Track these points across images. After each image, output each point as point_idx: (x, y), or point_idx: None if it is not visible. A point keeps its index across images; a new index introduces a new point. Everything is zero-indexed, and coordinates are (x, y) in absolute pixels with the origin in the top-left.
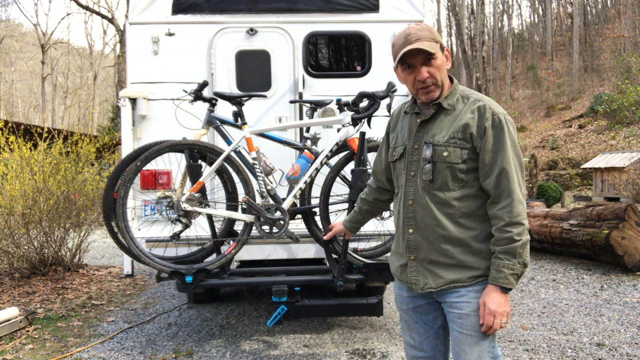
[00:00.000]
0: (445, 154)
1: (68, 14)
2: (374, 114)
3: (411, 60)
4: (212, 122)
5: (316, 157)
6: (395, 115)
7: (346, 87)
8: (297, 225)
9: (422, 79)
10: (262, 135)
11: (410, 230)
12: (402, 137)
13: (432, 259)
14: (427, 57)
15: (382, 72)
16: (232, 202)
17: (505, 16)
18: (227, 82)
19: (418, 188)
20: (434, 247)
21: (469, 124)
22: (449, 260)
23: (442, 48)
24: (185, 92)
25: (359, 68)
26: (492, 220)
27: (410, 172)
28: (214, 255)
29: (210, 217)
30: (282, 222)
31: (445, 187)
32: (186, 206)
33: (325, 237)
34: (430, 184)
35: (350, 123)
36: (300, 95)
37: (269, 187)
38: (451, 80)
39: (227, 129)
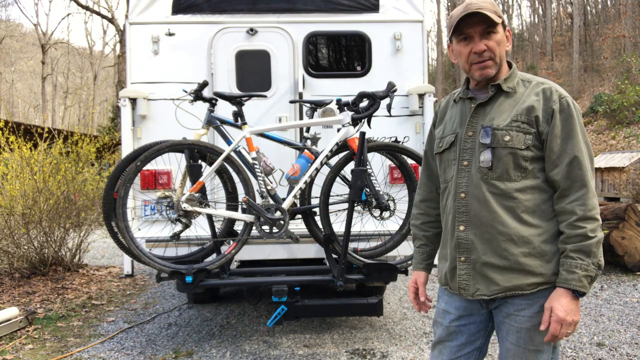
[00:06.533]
0: (507, 138)
1: (68, 14)
2: (374, 114)
3: (469, 30)
4: (212, 122)
5: (316, 157)
6: (443, 106)
7: (346, 87)
8: (297, 225)
9: (479, 51)
10: (262, 135)
11: (462, 227)
12: (452, 126)
13: (486, 260)
14: (486, 29)
15: (382, 72)
16: (232, 202)
17: (505, 16)
18: (227, 82)
19: (473, 178)
20: (490, 247)
21: (534, 106)
22: (506, 262)
23: (504, 25)
24: (185, 92)
25: (359, 68)
26: (561, 216)
27: (462, 162)
28: (214, 255)
29: (210, 217)
30: (282, 222)
31: (505, 177)
32: (186, 206)
33: (421, 297)
34: (488, 173)
35: (350, 123)
36: (300, 95)
37: (269, 187)
38: (510, 66)
39: (227, 129)
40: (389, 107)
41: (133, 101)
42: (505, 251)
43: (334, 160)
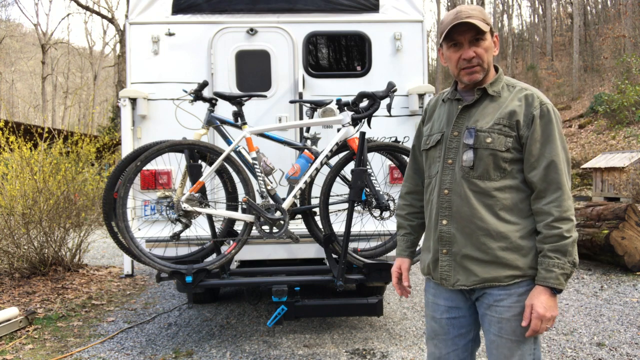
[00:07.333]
0: (488, 140)
1: (68, 14)
2: (374, 114)
3: (459, 37)
4: (212, 122)
5: (316, 157)
6: (432, 105)
7: (346, 87)
8: (297, 225)
9: (468, 58)
10: (262, 135)
11: (444, 222)
12: (440, 125)
13: (466, 253)
14: (475, 37)
15: (382, 72)
16: (232, 202)
17: (505, 16)
18: (227, 82)
19: (456, 176)
20: (470, 241)
21: (516, 111)
22: (485, 255)
23: (491, 32)
24: (185, 92)
25: (359, 68)
26: (538, 216)
27: (447, 160)
28: (214, 255)
29: (210, 217)
30: (282, 222)
31: (486, 176)
32: (186, 206)
33: (404, 282)
34: (470, 172)
35: (350, 123)
36: (300, 95)
37: (269, 187)
38: (496, 70)
39: (227, 129)
40: (389, 107)
41: (133, 101)
42: (483, 245)
43: (334, 161)
